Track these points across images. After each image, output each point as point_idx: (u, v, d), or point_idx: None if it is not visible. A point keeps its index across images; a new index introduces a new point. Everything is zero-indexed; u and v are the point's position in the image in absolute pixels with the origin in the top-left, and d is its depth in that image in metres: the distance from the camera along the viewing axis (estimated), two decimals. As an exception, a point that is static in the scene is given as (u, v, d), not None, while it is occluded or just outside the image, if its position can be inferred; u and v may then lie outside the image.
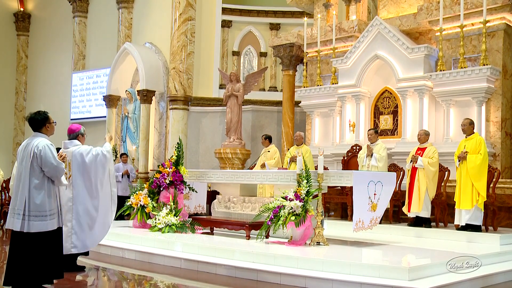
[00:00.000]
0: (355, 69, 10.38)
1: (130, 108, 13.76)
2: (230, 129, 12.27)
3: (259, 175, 7.51)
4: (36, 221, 4.37)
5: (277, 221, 6.44)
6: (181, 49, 13.03)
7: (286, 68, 12.39)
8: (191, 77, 13.18)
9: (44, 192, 4.43)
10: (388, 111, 10.23)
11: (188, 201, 8.90)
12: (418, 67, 9.55)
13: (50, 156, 4.47)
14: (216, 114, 13.47)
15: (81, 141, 5.93)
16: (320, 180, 6.54)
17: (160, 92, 13.68)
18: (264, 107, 13.61)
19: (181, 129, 12.78)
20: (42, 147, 4.49)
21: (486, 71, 8.76)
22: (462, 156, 7.64)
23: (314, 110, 11.24)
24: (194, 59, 13.27)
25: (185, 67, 13.04)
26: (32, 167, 4.46)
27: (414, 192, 8.14)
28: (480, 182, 7.45)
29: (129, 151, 13.75)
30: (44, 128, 4.69)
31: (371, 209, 6.58)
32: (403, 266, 5.37)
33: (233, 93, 12.24)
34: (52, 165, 4.45)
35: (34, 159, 4.46)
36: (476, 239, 7.34)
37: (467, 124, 7.83)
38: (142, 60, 13.36)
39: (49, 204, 4.45)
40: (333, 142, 10.87)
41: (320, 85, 11.13)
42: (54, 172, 4.46)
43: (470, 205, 7.45)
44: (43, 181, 4.46)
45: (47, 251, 4.46)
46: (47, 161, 4.44)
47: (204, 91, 13.72)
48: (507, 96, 9.19)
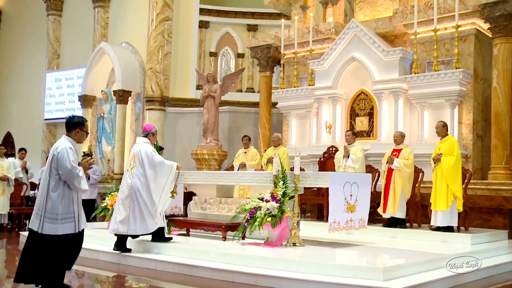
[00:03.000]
0: (331, 71, 10.48)
1: (106, 108, 13.63)
2: (207, 130, 12.24)
3: (235, 176, 7.52)
4: (48, 223, 4.38)
5: (253, 222, 6.45)
6: (158, 49, 12.97)
7: (263, 70, 12.42)
8: (168, 77, 13.12)
9: (58, 195, 4.41)
10: (364, 113, 10.35)
11: None
12: (394, 70, 9.70)
13: (66, 159, 4.44)
14: (193, 115, 13.43)
15: (150, 139, 6.76)
16: (297, 181, 6.57)
17: (137, 93, 13.58)
18: (241, 108, 13.63)
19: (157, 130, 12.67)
20: (61, 149, 4.48)
21: (458, 75, 8.95)
22: (437, 158, 7.79)
23: (291, 111, 11.30)
24: (171, 59, 13.21)
25: (162, 67, 12.97)
26: (50, 168, 4.47)
27: (390, 193, 8.25)
28: (455, 184, 7.60)
29: (105, 152, 13.64)
30: (73, 132, 4.63)
31: (347, 210, 6.64)
32: (378, 266, 5.45)
33: (210, 94, 12.22)
34: (66, 168, 4.41)
35: (52, 160, 4.47)
36: (448, 239, 7.49)
37: (440, 127, 7.99)
38: (118, 60, 13.26)
39: (62, 208, 4.41)
40: (309, 143, 10.94)
41: (297, 86, 11.19)
42: (68, 176, 4.42)
43: (445, 206, 7.60)
44: (59, 184, 4.44)
45: (56, 254, 4.42)
46: (62, 164, 4.43)
47: (181, 91, 13.68)
48: (478, 99, 9.40)
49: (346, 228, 6.67)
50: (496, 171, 8.68)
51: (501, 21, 8.75)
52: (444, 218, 7.65)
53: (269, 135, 11.99)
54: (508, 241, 8.01)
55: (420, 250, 6.71)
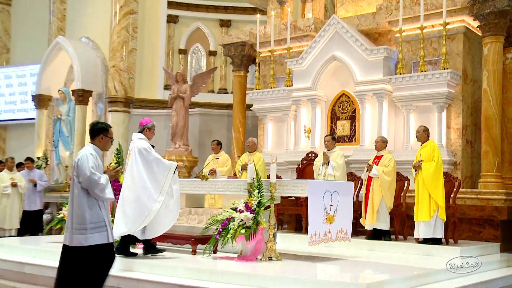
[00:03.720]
0: (310, 71, 10.51)
1: (63, 109, 13.48)
2: (176, 134, 12.18)
3: (206, 185, 7.48)
4: (77, 234, 4.43)
5: (226, 235, 6.42)
6: (122, 45, 12.85)
7: (237, 69, 12.41)
8: (133, 76, 13.02)
9: (84, 204, 4.47)
10: (345, 116, 10.40)
11: None
12: (377, 70, 9.78)
13: (85, 166, 4.50)
14: (160, 118, 13.36)
15: (147, 135, 6.65)
16: (273, 190, 6.56)
17: (98, 93, 13.45)
18: (213, 110, 13.62)
19: (121, 134, 12.60)
20: (81, 156, 4.56)
21: (446, 75, 9.07)
22: (417, 165, 7.87)
23: (267, 114, 11.29)
24: (136, 56, 13.11)
25: (126, 65, 12.86)
26: (73, 177, 4.58)
27: (368, 203, 8.30)
28: (436, 191, 7.69)
29: (62, 157, 13.44)
30: (97, 139, 4.70)
31: (326, 221, 6.64)
32: (360, 282, 5.45)
33: (179, 95, 12.18)
34: (85, 175, 4.46)
35: (74, 169, 4.57)
36: (436, 252, 7.54)
37: (421, 131, 8.09)
38: (77, 56, 13.12)
39: (90, 217, 4.45)
40: (287, 149, 10.95)
41: (274, 87, 11.19)
42: (88, 183, 4.46)
43: (427, 216, 7.67)
44: (83, 193, 4.50)
45: (90, 268, 4.45)
46: (81, 171, 4.49)
47: (147, 92, 13.62)
48: (467, 102, 9.55)
49: (325, 240, 6.68)
50: (486, 179, 8.80)
51: (491, 18, 8.91)
52: (427, 229, 7.72)
53: (243, 140, 11.97)
54: (500, 254, 8.10)
55: (405, 264, 6.74)
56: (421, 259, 7.28)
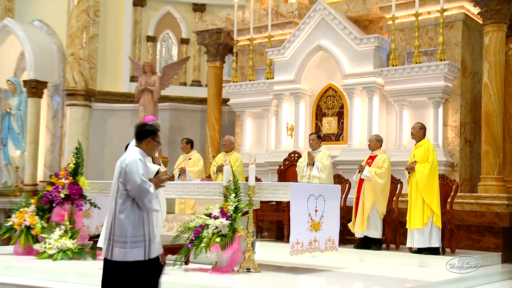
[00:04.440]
0: (294, 62, 10.51)
1: (13, 102, 13.34)
2: (143, 132, 12.11)
3: (177, 188, 7.44)
4: (117, 247, 4.48)
5: (199, 244, 6.40)
6: (81, 30, 12.71)
7: (212, 59, 12.36)
8: (94, 66, 12.91)
9: (127, 215, 4.50)
10: (332, 112, 10.42)
11: (89, 220, 8.73)
12: (367, 61, 9.82)
13: (135, 172, 4.51)
14: (126, 113, 13.27)
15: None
16: (251, 194, 6.56)
17: (54, 84, 13.31)
18: (185, 105, 13.57)
19: (81, 131, 12.49)
20: (129, 161, 4.56)
21: (443, 68, 9.14)
22: (410, 167, 7.91)
23: (245, 109, 11.28)
24: (98, 44, 12.99)
25: (86, 53, 12.73)
26: (118, 184, 4.57)
27: (359, 208, 8.33)
28: (431, 196, 7.72)
29: (12, 157, 13.30)
30: (144, 143, 4.72)
31: (311, 228, 6.65)
32: (349, 296, 5.46)
33: (147, 88, 12.12)
34: (135, 183, 4.47)
35: (120, 175, 4.56)
36: (431, 263, 7.59)
37: (417, 128, 8.10)
38: (29, 42, 12.96)
39: (131, 230, 4.49)
40: (267, 148, 10.95)
41: (253, 80, 11.18)
42: (137, 192, 4.48)
43: (420, 224, 7.70)
44: (127, 202, 4.53)
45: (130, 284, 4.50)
46: (130, 178, 4.49)
47: (111, 84, 13.49)
48: (466, 97, 9.64)
49: (310, 250, 6.69)
50: (487, 182, 8.88)
51: (493, 5, 8.99)
52: (421, 238, 7.75)
53: (219, 138, 11.95)
54: (502, 265, 8.19)
55: (398, 276, 6.77)
56: (415, 270, 7.33)
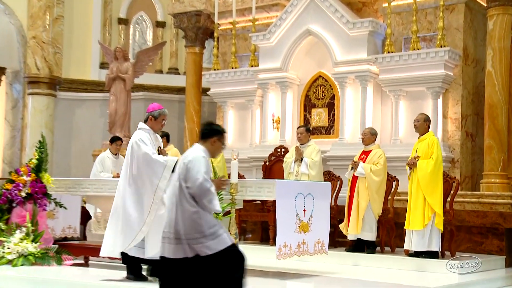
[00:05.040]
0: (280, 48, 10.48)
1: (-32, 91, 13.27)
2: (115, 124, 12.10)
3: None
4: (195, 244, 4.62)
5: None
6: (44, 11, 12.64)
7: (191, 44, 12.32)
8: (59, 51, 12.86)
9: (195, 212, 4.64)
10: (322, 103, 10.42)
11: (54, 221, 8.70)
12: (361, 48, 9.82)
13: (198, 169, 4.63)
14: (95, 103, 13.23)
15: (151, 126, 6.32)
16: (234, 192, 6.53)
17: (14, 70, 13.29)
18: (161, 95, 13.54)
19: (45, 122, 12.47)
20: (193, 158, 4.70)
21: (443, 55, 9.16)
22: (412, 163, 7.91)
23: (227, 100, 11.26)
24: (63, 26, 12.93)
25: (50, 36, 12.67)
26: (180, 182, 4.70)
27: (353, 207, 8.32)
28: (433, 196, 7.71)
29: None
30: (209, 142, 4.86)
31: (299, 229, 6.64)
32: (339, 303, 5.47)
33: (119, 75, 12.07)
34: (196, 181, 4.60)
35: (182, 171, 4.70)
36: (429, 267, 7.61)
37: (421, 120, 8.09)
38: (-14, 24, 12.86)
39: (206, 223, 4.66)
40: (251, 142, 10.94)
41: (236, 67, 11.15)
42: (198, 190, 4.61)
43: (420, 225, 7.71)
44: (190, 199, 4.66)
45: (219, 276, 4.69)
46: (192, 176, 4.62)
47: (78, 71, 13.45)
48: (468, 87, 9.68)
49: (298, 253, 6.69)
50: (490, 179, 8.93)
51: (498, -14, 9.03)
52: (420, 240, 7.75)
53: (198, 131, 11.81)
54: (506, 270, 8.24)
55: (394, 282, 6.79)
56: (412, 275, 7.36)
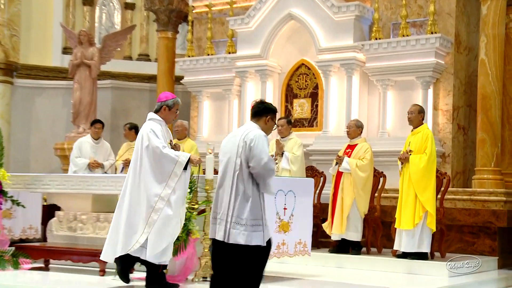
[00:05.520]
0: (260, 34, 10.48)
1: None
2: (80, 114, 12.05)
3: (120, 181, 7.18)
4: (235, 229, 4.84)
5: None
6: (-2, -12, 12.52)
7: (163, 28, 12.31)
8: (16, 33, 12.78)
9: (246, 195, 4.88)
10: (305, 94, 10.44)
11: (12, 221, 8.70)
12: (347, 34, 9.84)
13: (262, 149, 4.88)
14: (57, 92, 13.17)
15: (164, 116, 6.27)
16: (209, 189, 6.52)
17: (-37, 55, 13.08)
18: (130, 83, 13.55)
19: (0, 112, 12.36)
20: (255, 136, 4.92)
21: (434, 42, 9.21)
22: (404, 157, 7.93)
23: (203, 89, 11.25)
24: (21, 6, 12.85)
25: (6, 18, 12.58)
26: (240, 161, 4.92)
27: (337, 206, 8.34)
28: (426, 193, 7.75)
29: None
30: (263, 121, 5.12)
31: (279, 229, 6.66)
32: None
33: (84, 62, 12.02)
34: (261, 160, 4.84)
35: (242, 150, 4.90)
36: (418, 269, 7.66)
37: (416, 112, 8.08)
38: None
39: (249, 212, 4.86)
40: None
41: (211, 54, 11.15)
42: (261, 170, 4.86)
43: (410, 224, 7.75)
44: (249, 181, 4.90)
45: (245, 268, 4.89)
46: (256, 155, 4.85)
47: (38, 56, 13.39)
48: (460, 76, 9.74)
49: (278, 254, 6.72)
50: (482, 175, 9.00)
51: (492, -31, 9.08)
52: (410, 241, 7.78)
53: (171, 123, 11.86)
54: (498, 271, 8.32)
55: (381, 285, 6.81)
56: (400, 278, 7.42)
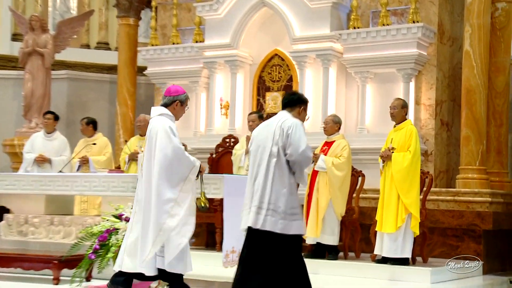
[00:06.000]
0: (230, 21, 10.48)
1: None
2: (31, 108, 12.02)
3: (77, 181, 7.39)
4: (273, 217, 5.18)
5: (105, 254, 6.35)
6: None
7: (124, 14, 12.25)
8: (-41, 18, 12.62)
9: (283, 183, 5.23)
10: (278, 86, 10.45)
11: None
12: (323, 22, 9.86)
13: (300, 137, 5.27)
14: (6, 82, 13.10)
15: (176, 113, 6.26)
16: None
17: None
18: (88, 74, 13.51)
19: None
20: (292, 123, 5.33)
21: (416, 31, 9.27)
22: (386, 155, 7.95)
23: (168, 81, 11.16)
24: (-39, -14, 12.71)
25: None
26: (274, 148, 5.29)
27: (312, 207, 8.35)
28: (409, 194, 7.77)
29: None
30: (297, 111, 5.53)
31: (247, 233, 6.66)
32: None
33: (36, 50, 11.98)
34: (299, 148, 5.22)
35: (279, 137, 5.27)
36: (399, 275, 7.69)
37: (399, 107, 8.08)
38: None
39: (287, 200, 5.22)
40: (195, 131, 10.96)
41: (177, 43, 11.14)
42: (299, 158, 5.23)
43: (393, 227, 7.76)
44: (285, 169, 5.25)
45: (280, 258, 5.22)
46: (295, 142, 5.23)
47: (-17, 43, 13.28)
48: (443, 69, 9.81)
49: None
50: (467, 174, 9.06)
51: (478, -47, 9.16)
52: (392, 245, 7.79)
53: (133, 117, 11.87)
54: (483, 277, 8.40)
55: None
56: (380, 284, 7.45)
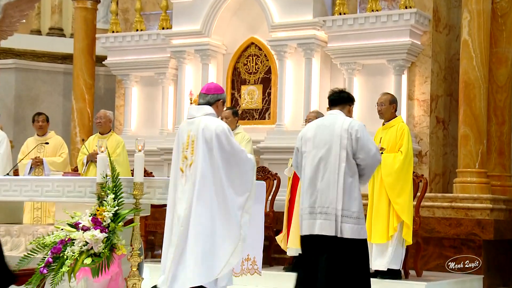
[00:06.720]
0: (200, 6, 10.48)
1: None
2: (-24, 103, 11.89)
3: (27, 185, 7.34)
4: (348, 223, 5.60)
5: (59, 267, 6.29)
6: None
7: (81, -3, 12.20)
8: None
9: (353, 188, 5.66)
10: (255, 79, 10.47)
11: None
12: (305, 7, 9.89)
13: (367, 139, 5.74)
14: None
15: (219, 112, 6.37)
16: (138, 194, 6.49)
17: None
18: (39, 63, 13.51)
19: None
20: (359, 127, 5.75)
21: (409, 18, 9.31)
22: None
23: (131, 73, 11.22)
24: None
25: None
26: (344, 153, 5.69)
27: (294, 215, 8.33)
28: (401, 199, 7.76)
29: None
30: (347, 110, 6.03)
31: (225, 243, 6.63)
32: None
33: (-19, 36, 11.84)
34: (370, 151, 5.72)
35: (348, 142, 5.69)
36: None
37: (386, 103, 8.05)
38: None
39: (357, 204, 5.68)
40: (162, 129, 10.97)
41: (141, 29, 11.16)
42: (371, 161, 5.76)
43: (384, 237, 7.73)
44: (355, 174, 5.72)
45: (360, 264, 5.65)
46: (366, 145, 5.71)
47: None
48: (439, 60, 9.85)
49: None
50: (465, 178, 9.12)
51: None
52: (383, 256, 7.81)
53: (91, 114, 11.83)
54: (484, 292, 8.50)
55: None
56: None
